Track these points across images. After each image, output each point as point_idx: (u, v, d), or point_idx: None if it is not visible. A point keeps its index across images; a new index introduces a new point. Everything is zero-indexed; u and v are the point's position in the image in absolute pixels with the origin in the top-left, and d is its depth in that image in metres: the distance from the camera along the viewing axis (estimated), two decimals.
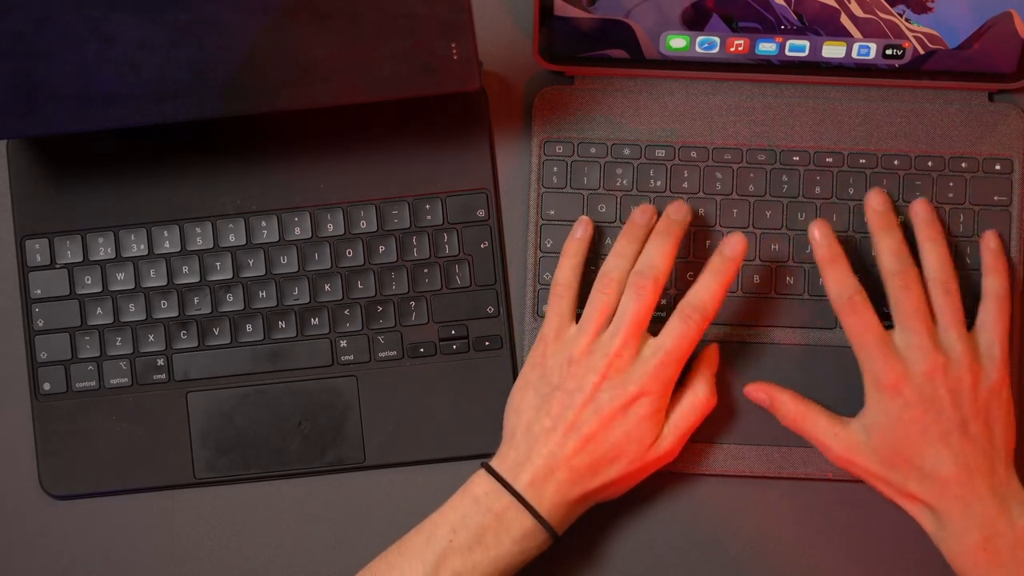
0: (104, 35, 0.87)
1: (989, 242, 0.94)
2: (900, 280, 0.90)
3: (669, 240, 0.92)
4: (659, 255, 0.91)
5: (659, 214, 0.95)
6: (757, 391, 0.94)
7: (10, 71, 0.87)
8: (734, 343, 0.97)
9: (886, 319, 0.92)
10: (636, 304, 0.90)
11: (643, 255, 0.92)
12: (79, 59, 0.87)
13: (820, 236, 0.92)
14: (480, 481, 0.89)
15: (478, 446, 0.96)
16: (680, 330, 0.90)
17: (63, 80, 0.88)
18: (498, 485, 0.88)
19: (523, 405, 0.91)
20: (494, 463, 0.90)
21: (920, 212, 0.94)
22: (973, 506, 0.87)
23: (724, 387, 0.96)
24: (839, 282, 0.91)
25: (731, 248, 0.91)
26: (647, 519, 0.96)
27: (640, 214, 0.94)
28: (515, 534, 0.88)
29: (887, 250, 0.92)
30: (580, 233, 0.95)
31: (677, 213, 0.94)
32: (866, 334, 0.90)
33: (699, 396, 0.92)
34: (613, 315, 0.91)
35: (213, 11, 0.87)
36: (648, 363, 0.89)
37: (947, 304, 0.90)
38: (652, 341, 0.90)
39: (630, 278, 0.91)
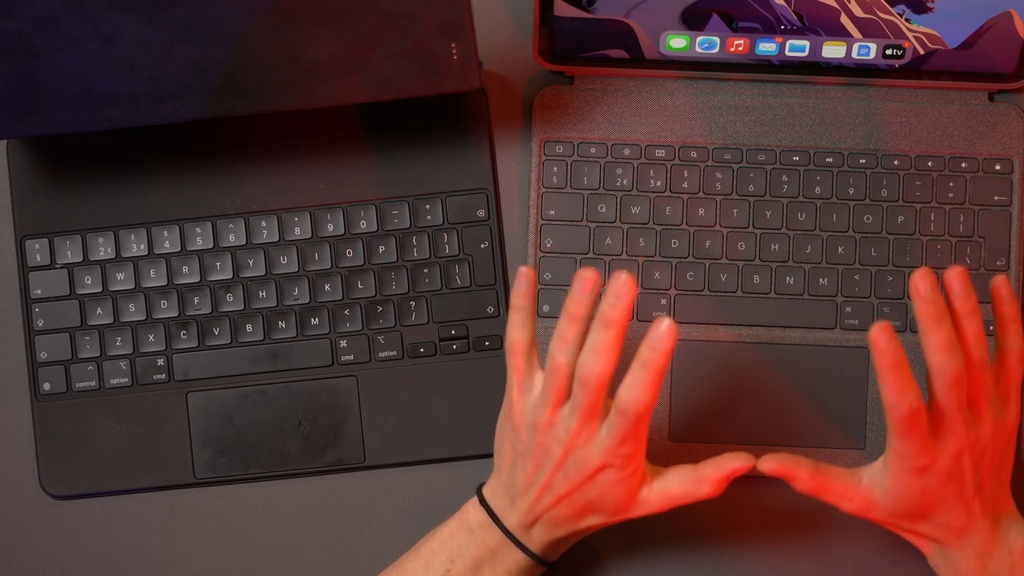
0: (104, 35, 0.87)
1: (1001, 290, 0.86)
2: (951, 378, 0.82)
3: (609, 333, 0.81)
4: (598, 358, 0.81)
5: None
6: (772, 466, 0.86)
7: (10, 71, 0.87)
8: (733, 343, 0.97)
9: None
10: (584, 399, 0.83)
11: (582, 354, 0.82)
12: (79, 59, 0.87)
13: (884, 342, 0.80)
14: (475, 511, 0.89)
15: (478, 446, 0.96)
16: (618, 423, 0.83)
17: (63, 80, 0.88)
18: (490, 520, 0.88)
19: (503, 449, 0.88)
20: (487, 491, 0.89)
21: (955, 285, 0.83)
22: (972, 536, 0.87)
23: (723, 386, 0.96)
24: (900, 390, 0.81)
25: (657, 339, 0.80)
26: (647, 519, 0.96)
27: (579, 288, 0.82)
28: (510, 567, 0.88)
29: (936, 345, 0.81)
30: (522, 288, 0.86)
31: (617, 297, 0.81)
32: (915, 432, 0.83)
33: (701, 491, 0.86)
34: (571, 385, 0.85)
35: (213, 11, 0.87)
36: (603, 443, 0.84)
37: (982, 382, 0.84)
38: (606, 423, 0.84)
39: (574, 387, 0.83)
